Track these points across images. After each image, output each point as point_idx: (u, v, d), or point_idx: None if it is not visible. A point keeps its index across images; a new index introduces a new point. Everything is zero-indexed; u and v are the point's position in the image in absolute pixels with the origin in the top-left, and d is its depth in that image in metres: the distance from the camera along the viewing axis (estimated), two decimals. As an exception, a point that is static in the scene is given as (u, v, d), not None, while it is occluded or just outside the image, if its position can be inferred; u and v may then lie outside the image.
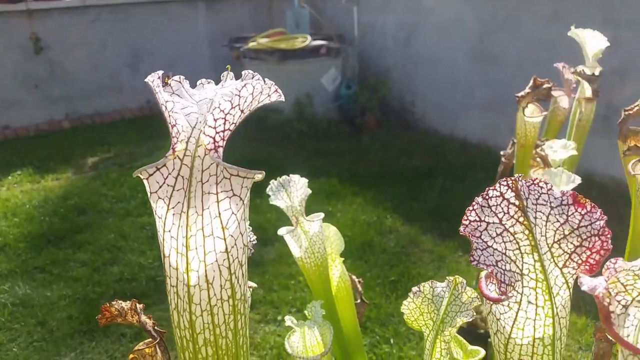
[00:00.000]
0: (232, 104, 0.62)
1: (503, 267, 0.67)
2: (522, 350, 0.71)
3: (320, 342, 1.70)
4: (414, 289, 1.02)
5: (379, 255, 4.73)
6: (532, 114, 1.87)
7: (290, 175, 1.57)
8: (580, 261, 0.67)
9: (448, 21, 7.15)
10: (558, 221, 0.67)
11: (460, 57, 7.08)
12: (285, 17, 8.53)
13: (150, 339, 1.16)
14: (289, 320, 1.61)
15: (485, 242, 0.67)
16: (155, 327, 1.09)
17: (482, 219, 0.68)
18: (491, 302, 0.70)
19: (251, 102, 0.64)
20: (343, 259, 1.76)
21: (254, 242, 1.17)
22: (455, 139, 7.29)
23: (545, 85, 1.73)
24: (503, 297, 0.66)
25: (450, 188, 5.86)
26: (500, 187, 0.68)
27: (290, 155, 6.99)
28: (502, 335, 0.71)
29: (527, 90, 1.79)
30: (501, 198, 0.68)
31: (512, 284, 0.67)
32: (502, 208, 0.68)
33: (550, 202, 0.68)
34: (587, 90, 2.08)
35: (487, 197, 0.69)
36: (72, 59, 8.55)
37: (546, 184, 0.69)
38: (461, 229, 0.68)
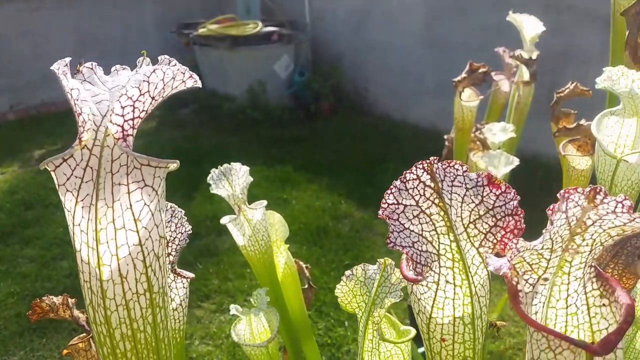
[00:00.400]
0: (140, 91, 0.61)
1: (420, 248, 0.68)
2: (444, 329, 0.73)
3: (267, 329, 1.70)
4: (347, 272, 1.03)
5: (334, 240, 4.77)
6: (468, 99, 1.90)
7: (232, 163, 1.55)
8: (495, 240, 0.69)
9: (398, 7, 7.19)
10: (473, 202, 0.69)
11: (410, 43, 7.15)
12: (235, 3, 8.40)
13: (84, 334, 1.14)
14: (234, 308, 1.60)
15: (403, 225, 0.68)
16: (88, 322, 1.07)
17: (400, 201, 0.69)
18: (411, 283, 0.71)
19: (162, 88, 0.63)
20: (288, 245, 1.76)
21: (189, 232, 1.15)
22: (407, 124, 7.37)
23: (481, 70, 1.76)
24: (419, 277, 0.67)
25: (402, 173, 5.92)
26: (416, 170, 0.69)
27: (244, 143, 6.93)
28: (424, 315, 0.73)
29: (463, 75, 1.82)
30: (418, 181, 0.69)
31: (429, 265, 0.69)
32: (419, 190, 0.69)
33: (466, 184, 0.69)
34: (525, 73, 2.14)
35: (404, 180, 0.70)
36: (15, 49, 8.20)
37: (462, 166, 0.70)
38: (380, 212, 0.69)
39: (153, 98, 0.63)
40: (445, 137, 2.90)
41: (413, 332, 0.98)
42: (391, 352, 0.98)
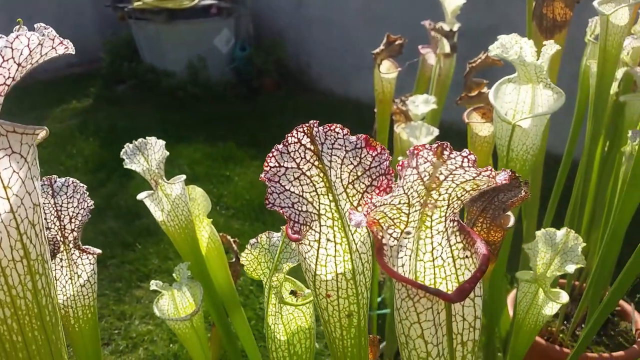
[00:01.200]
0: (3, 58, 0.60)
1: (299, 209, 0.71)
2: (328, 286, 0.76)
3: (192, 303, 1.71)
4: (252, 240, 1.05)
5: (277, 216, 4.78)
6: (387, 71, 1.93)
7: (147, 137, 1.53)
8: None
9: (338, -18, 7.18)
10: (352, 163, 0.71)
11: (350, 19, 7.16)
12: (172, -24, 8.16)
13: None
14: (154, 284, 1.60)
15: (283, 186, 0.70)
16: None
17: (282, 164, 0.71)
18: (294, 242, 0.73)
19: (29, 54, 0.62)
20: (211, 220, 1.77)
21: (90, 207, 1.14)
22: (350, 100, 7.42)
23: (397, 42, 1.80)
24: (299, 236, 0.69)
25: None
26: (297, 133, 0.71)
27: (185, 120, 6.81)
28: (310, 273, 0.76)
29: (381, 47, 1.85)
30: (299, 144, 0.71)
31: (309, 224, 0.71)
32: (300, 153, 0.71)
33: (346, 147, 0.71)
34: (445, 46, 2.19)
35: (286, 143, 0.72)
36: None
37: (342, 129, 0.72)
38: (262, 175, 0.71)
39: (19, 64, 0.62)
40: (375, 110, 2.95)
41: (309, 294, 1.02)
42: (294, 315, 1.01)
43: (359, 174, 0.72)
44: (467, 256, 0.66)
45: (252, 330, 2.24)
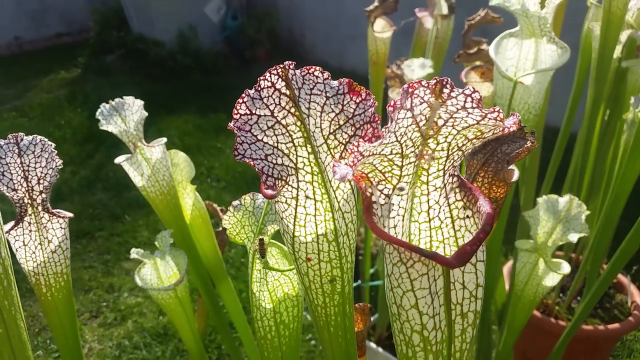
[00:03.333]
0: None
1: (274, 161, 0.62)
2: (308, 248, 0.68)
3: (177, 273, 1.64)
4: (235, 202, 0.97)
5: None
6: (382, 30, 1.83)
7: (124, 97, 1.43)
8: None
9: (333, -53, 6.97)
10: (333, 111, 0.63)
11: (345, -14, 6.98)
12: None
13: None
14: (135, 252, 1.52)
15: (255, 136, 0.62)
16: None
17: (253, 111, 0.62)
18: (273, 200, 0.65)
19: None
20: (195, 186, 1.68)
21: (59, 167, 1.05)
22: (345, 72, 7.27)
23: (392, -3, 1.69)
24: (274, 192, 0.61)
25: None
26: (271, 76, 0.62)
27: (176, 91, 6.67)
28: (288, 234, 0.67)
29: (375, 3, 1.75)
30: (272, 89, 0.62)
31: (284, 179, 0.63)
32: (274, 99, 0.62)
33: (326, 92, 0.63)
34: (443, 6, 2.08)
35: (258, 88, 0.63)
36: None
37: (322, 72, 0.64)
38: (231, 124, 0.62)
39: None
40: (369, 73, 2.84)
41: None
42: (280, 282, 0.93)
43: (341, 122, 0.63)
44: (467, 216, 0.58)
45: (243, 302, 2.18)
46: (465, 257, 0.49)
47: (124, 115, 1.42)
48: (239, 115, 0.62)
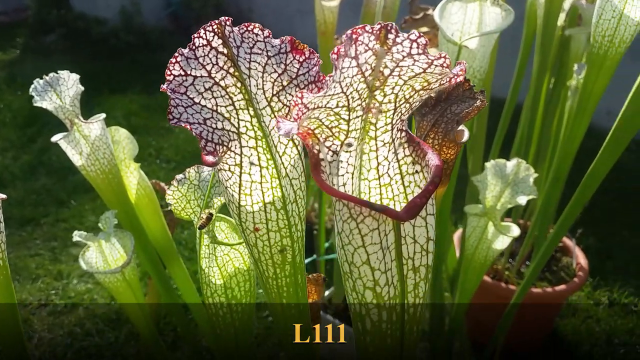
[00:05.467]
0: None
1: (213, 126, 0.58)
2: (255, 218, 0.64)
3: (124, 255, 1.58)
4: (178, 176, 0.92)
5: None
6: (329, -3, 1.79)
7: (59, 72, 1.35)
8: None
9: None
10: (276, 71, 0.59)
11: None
12: None
13: None
14: (77, 235, 1.45)
15: (192, 99, 0.57)
16: None
17: (188, 72, 0.58)
18: (216, 168, 0.61)
19: None
20: (139, 164, 1.62)
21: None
22: (294, 46, 7.19)
23: (338, -38, 1.64)
24: (215, 158, 0.57)
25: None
26: (206, 33, 0.58)
27: (121, 70, 6.42)
28: (233, 204, 0.64)
29: (321, -30, 1.70)
30: (209, 47, 0.58)
31: (226, 144, 0.59)
32: (210, 59, 0.58)
33: (267, 51, 0.59)
34: (390, -26, 2.05)
35: (193, 47, 0.58)
36: None
37: (263, 30, 0.60)
38: (164, 86, 0.58)
39: None
40: (318, 44, 2.80)
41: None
42: (230, 256, 0.90)
43: (285, 83, 0.60)
44: (416, 171, 0.56)
45: (197, 284, 2.13)
46: (415, 209, 0.47)
47: (59, 91, 1.34)
48: (172, 77, 0.58)
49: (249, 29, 0.59)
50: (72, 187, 4.31)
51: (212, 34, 0.57)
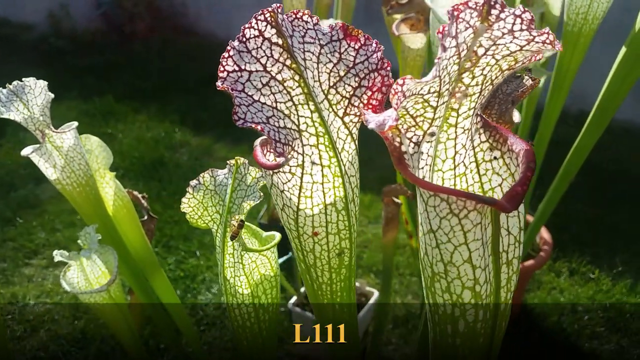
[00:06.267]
0: None
1: (277, 124, 0.53)
2: (315, 221, 0.60)
3: (105, 272, 1.48)
4: (193, 182, 0.86)
5: (173, 171, 4.48)
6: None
7: (24, 79, 1.24)
8: (361, 105, 0.56)
9: None
10: (331, 61, 0.55)
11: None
12: None
13: None
14: (58, 254, 1.35)
15: (251, 96, 0.52)
16: None
17: (242, 67, 0.52)
18: (271, 171, 0.56)
19: None
20: (115, 173, 1.52)
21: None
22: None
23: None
24: (282, 159, 0.52)
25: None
26: (257, 23, 0.52)
27: (53, 76, 6.00)
28: (290, 209, 0.59)
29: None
30: (261, 38, 0.53)
31: (290, 143, 0.54)
32: (264, 51, 0.53)
33: (319, 39, 0.54)
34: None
35: (243, 38, 0.53)
36: None
37: (311, 17, 0.55)
38: (218, 83, 0.52)
39: None
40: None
41: (278, 236, 0.85)
42: (257, 263, 0.85)
43: (342, 74, 0.55)
44: (495, 157, 0.53)
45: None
46: (518, 198, 0.44)
47: (25, 100, 1.23)
48: (226, 73, 0.52)
49: (297, 16, 0.54)
50: (16, 204, 4.05)
51: (264, 23, 0.52)
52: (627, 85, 1.35)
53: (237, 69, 0.52)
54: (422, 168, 0.51)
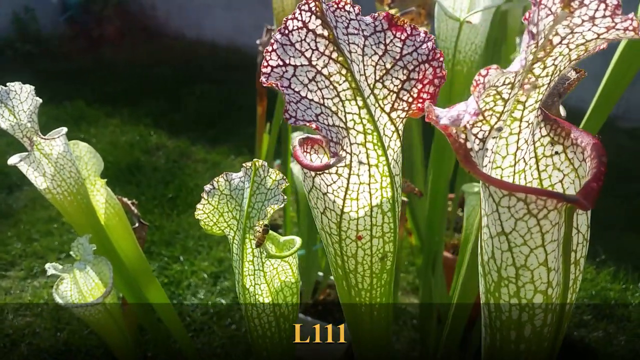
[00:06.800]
0: None
1: (326, 122, 0.49)
2: (360, 224, 0.56)
3: (99, 283, 1.41)
4: (207, 187, 0.81)
5: (151, 174, 4.38)
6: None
7: (8, 84, 1.17)
8: (410, 99, 0.52)
9: None
10: (376, 53, 0.51)
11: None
12: None
13: None
14: (51, 268, 1.28)
15: (298, 93, 0.48)
16: None
17: (287, 61, 0.48)
18: (315, 173, 0.52)
19: None
20: (106, 180, 1.45)
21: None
22: (204, 42, 6.96)
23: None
24: (334, 159, 0.48)
25: (209, 93, 5.64)
26: (301, 14, 0.48)
27: (21, 81, 5.88)
28: (333, 212, 0.55)
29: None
30: (305, 30, 0.49)
31: (340, 142, 0.50)
32: (309, 43, 0.49)
33: (363, 31, 0.51)
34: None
35: (286, 31, 0.49)
36: None
37: (353, 6, 0.51)
38: (263, 79, 0.48)
39: None
40: (258, 41, 2.69)
41: (298, 240, 0.81)
42: (277, 270, 0.80)
43: (388, 66, 0.52)
44: (556, 152, 0.50)
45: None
46: (594, 195, 0.42)
47: (11, 106, 1.16)
48: (269, 69, 0.48)
49: (339, 5, 0.50)
50: (-12, 215, 3.91)
51: (308, 13, 0.48)
52: (626, 81, 1.34)
53: (281, 63, 0.48)
54: (486, 166, 0.48)
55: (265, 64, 0.48)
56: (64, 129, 1.23)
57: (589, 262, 3.32)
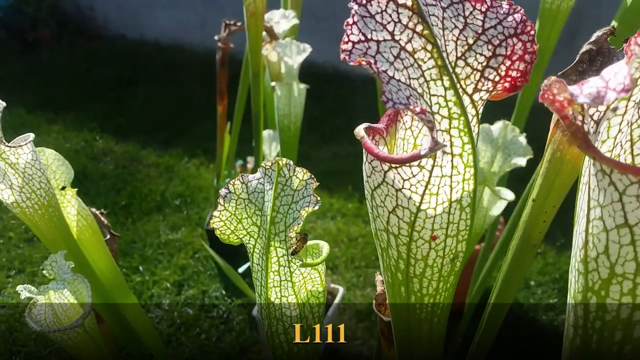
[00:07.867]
0: None
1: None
2: (436, 222, 0.50)
3: (75, 302, 1.29)
4: (222, 191, 0.72)
5: (100, 182, 4.16)
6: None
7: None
8: (498, 77, 0.46)
9: None
10: (456, 27, 0.45)
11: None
12: None
13: None
14: (24, 290, 1.15)
15: (386, 72, 0.41)
16: None
17: (369, 36, 0.41)
18: (389, 167, 0.45)
19: None
20: (76, 190, 1.32)
21: None
22: (147, 42, 6.72)
23: None
24: (426, 149, 0.41)
25: (154, 94, 5.44)
26: (380, -20, 0.41)
27: (-52, 91, 5.51)
28: (407, 210, 0.48)
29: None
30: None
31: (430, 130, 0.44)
32: (390, 15, 0.42)
33: (440, 1, 0.44)
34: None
35: (363, 1, 0.42)
36: None
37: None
38: (343, 56, 0.41)
39: None
40: (217, 37, 2.58)
41: (326, 246, 0.74)
42: (305, 279, 0.73)
43: (471, 41, 0.46)
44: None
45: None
46: None
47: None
48: (351, 45, 0.41)
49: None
50: None
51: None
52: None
53: (362, 38, 0.41)
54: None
55: (346, 39, 0.40)
56: (32, 135, 1.10)
57: (549, 246, 3.40)
